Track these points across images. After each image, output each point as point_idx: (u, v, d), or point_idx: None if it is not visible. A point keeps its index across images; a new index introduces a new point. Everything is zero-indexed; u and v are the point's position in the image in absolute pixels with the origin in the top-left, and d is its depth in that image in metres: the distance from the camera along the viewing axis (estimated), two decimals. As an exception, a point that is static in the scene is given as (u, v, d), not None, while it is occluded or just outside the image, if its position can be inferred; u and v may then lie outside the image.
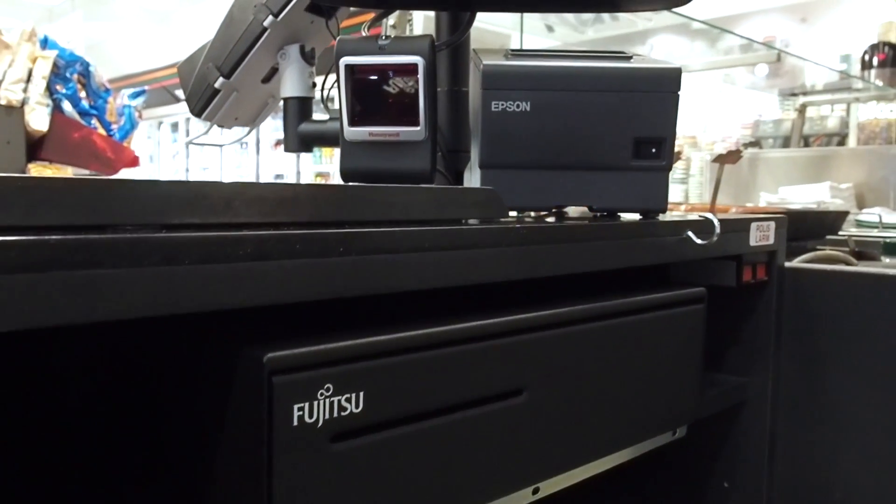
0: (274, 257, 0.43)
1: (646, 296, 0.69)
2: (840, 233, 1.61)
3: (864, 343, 0.91)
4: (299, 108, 1.24)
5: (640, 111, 0.73)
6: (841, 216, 1.53)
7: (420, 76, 0.83)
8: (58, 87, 3.34)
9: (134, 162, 3.51)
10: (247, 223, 0.44)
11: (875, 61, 4.72)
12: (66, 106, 3.33)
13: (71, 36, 8.15)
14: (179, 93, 1.25)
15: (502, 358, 0.55)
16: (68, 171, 3.25)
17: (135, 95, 3.57)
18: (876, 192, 2.11)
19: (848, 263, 1.34)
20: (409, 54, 0.83)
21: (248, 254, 0.41)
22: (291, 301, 0.44)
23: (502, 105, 0.73)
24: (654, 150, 0.75)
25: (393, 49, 0.84)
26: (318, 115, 1.21)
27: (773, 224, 0.90)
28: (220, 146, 1.45)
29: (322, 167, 6.95)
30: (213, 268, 0.40)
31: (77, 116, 3.34)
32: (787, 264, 0.96)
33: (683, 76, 0.76)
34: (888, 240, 1.42)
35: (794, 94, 3.11)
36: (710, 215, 0.75)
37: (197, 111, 1.29)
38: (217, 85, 1.24)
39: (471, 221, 0.59)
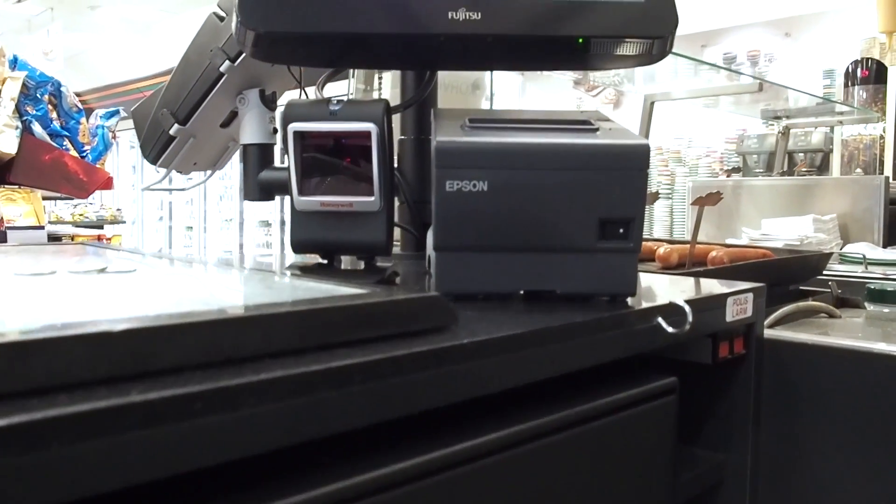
0: (169, 421, 0.37)
1: (609, 397, 0.63)
2: (825, 271, 1.57)
3: (845, 418, 0.87)
4: (259, 156, 1.18)
5: (605, 190, 0.68)
6: (824, 258, 1.49)
7: (374, 144, 0.78)
8: (28, 109, 3.26)
9: (107, 184, 3.43)
10: (137, 374, 0.39)
11: (858, 77, 4.71)
12: (37, 128, 3.26)
13: (51, 47, 8.07)
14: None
15: (440, 496, 0.50)
16: (38, 195, 3.17)
17: (108, 116, 3.50)
18: (860, 223, 2.07)
19: (831, 315, 1.30)
20: (362, 121, 0.78)
21: (135, 423, 0.36)
22: (191, 469, 0.38)
23: (457, 185, 0.67)
24: (621, 231, 0.70)
25: (345, 115, 0.79)
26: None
27: (750, 295, 0.85)
28: (182, 189, 1.39)
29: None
30: (90, 445, 0.34)
31: (47, 138, 3.27)
32: (766, 333, 0.91)
33: (666, 103, 0.74)
34: (872, 285, 1.37)
35: (778, 118, 3.08)
36: (681, 302, 0.70)
37: (151, 158, 1.23)
38: (172, 132, 1.18)
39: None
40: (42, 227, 2.91)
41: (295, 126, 0.79)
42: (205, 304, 0.52)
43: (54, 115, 3.29)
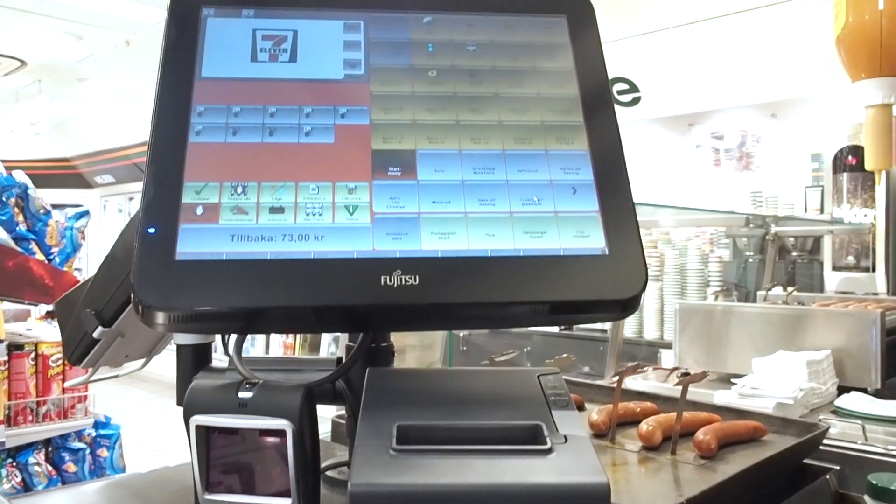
0: None
1: None
2: (824, 441, 1.45)
3: None
4: (194, 357, 1.06)
5: (557, 540, 0.56)
6: (820, 436, 1.36)
7: (289, 443, 0.66)
8: (-9, 214, 3.14)
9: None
10: None
11: (846, 164, 4.68)
12: (0, 233, 3.14)
13: (37, 117, 8.04)
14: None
15: None
16: (-1, 305, 3.04)
17: (77, 217, 3.39)
18: (856, 359, 1.95)
19: (830, 529, 1.17)
20: (276, 416, 0.66)
21: None
22: None
23: (377, 537, 0.55)
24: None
25: (257, 406, 0.67)
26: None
27: None
28: (113, 377, 1.27)
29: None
30: None
31: (12, 243, 3.15)
32: None
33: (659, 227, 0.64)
34: (875, 480, 1.25)
35: (767, 224, 3.00)
36: None
37: (74, 360, 1.11)
38: (96, 335, 1.06)
39: None
40: (2, 342, 2.77)
41: (198, 420, 0.67)
42: None
43: (20, 217, 3.18)
